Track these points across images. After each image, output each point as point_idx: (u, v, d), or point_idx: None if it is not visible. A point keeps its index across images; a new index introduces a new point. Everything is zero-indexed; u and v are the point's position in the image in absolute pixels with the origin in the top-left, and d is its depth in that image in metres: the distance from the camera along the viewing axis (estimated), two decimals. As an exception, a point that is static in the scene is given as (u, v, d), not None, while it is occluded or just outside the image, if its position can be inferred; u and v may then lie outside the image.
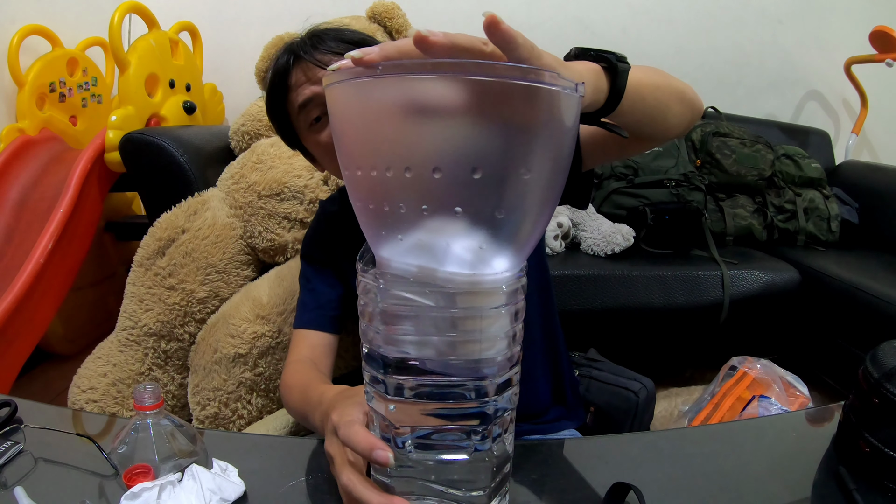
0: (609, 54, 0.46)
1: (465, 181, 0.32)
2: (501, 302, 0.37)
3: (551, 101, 0.32)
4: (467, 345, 0.37)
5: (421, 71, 0.30)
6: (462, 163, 0.31)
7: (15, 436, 0.56)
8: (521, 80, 0.30)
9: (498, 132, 0.32)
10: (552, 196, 0.36)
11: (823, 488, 0.49)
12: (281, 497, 0.49)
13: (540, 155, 0.33)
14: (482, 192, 0.32)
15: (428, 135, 0.32)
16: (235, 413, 1.13)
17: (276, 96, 0.73)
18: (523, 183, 0.33)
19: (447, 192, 0.32)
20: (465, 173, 0.31)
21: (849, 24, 2.26)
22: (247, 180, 1.26)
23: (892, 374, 0.48)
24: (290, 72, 0.71)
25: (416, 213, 0.33)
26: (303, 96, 0.69)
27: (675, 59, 2.26)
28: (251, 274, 1.28)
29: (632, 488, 0.46)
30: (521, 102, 0.31)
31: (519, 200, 0.34)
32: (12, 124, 1.63)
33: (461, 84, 0.30)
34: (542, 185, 0.34)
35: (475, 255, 0.35)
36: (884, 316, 1.34)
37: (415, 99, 0.31)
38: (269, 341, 1.10)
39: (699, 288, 1.48)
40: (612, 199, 1.70)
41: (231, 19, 2.12)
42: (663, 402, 1.52)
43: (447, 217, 0.33)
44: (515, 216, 0.34)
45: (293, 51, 0.71)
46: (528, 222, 0.35)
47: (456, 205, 0.32)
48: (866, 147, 2.44)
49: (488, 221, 0.33)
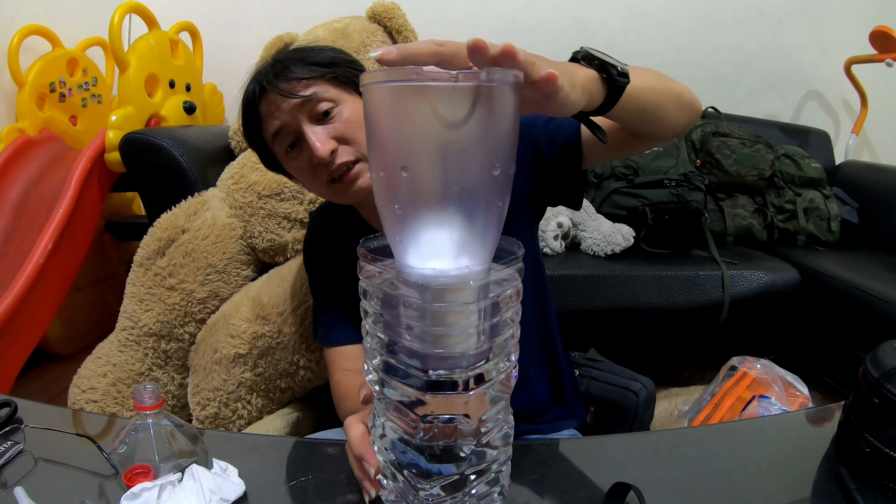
0: (612, 67, 0.47)
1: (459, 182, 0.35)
2: (472, 298, 0.38)
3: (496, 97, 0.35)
4: (448, 338, 0.39)
5: (404, 79, 0.33)
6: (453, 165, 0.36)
7: (15, 436, 0.56)
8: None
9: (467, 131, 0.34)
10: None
11: (823, 488, 0.49)
12: (281, 497, 0.49)
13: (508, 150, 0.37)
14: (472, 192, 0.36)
15: (426, 138, 0.35)
16: (235, 413, 1.13)
17: (250, 125, 0.74)
18: (492, 178, 0.36)
19: (437, 193, 0.36)
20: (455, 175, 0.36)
21: (849, 24, 2.26)
22: (247, 180, 1.26)
23: (892, 374, 0.48)
24: (258, 102, 0.71)
25: (412, 212, 0.36)
26: (273, 126, 0.70)
27: (675, 59, 2.26)
28: (251, 274, 1.28)
29: (632, 488, 0.46)
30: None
31: (489, 195, 0.37)
32: (12, 124, 1.62)
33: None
34: (506, 178, 0.37)
35: (454, 250, 0.37)
36: (884, 316, 1.34)
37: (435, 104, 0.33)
38: (269, 341, 1.10)
39: (699, 288, 1.48)
40: (612, 199, 1.70)
41: (231, 19, 2.12)
42: (663, 402, 1.52)
43: (437, 215, 0.36)
44: (490, 212, 0.37)
45: (258, 80, 0.71)
46: (493, 216, 0.38)
47: (450, 204, 0.36)
48: (866, 147, 2.44)
49: (468, 218, 0.36)
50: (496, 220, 0.38)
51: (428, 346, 0.38)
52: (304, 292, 1.13)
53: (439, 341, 0.38)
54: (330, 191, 0.71)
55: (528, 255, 0.71)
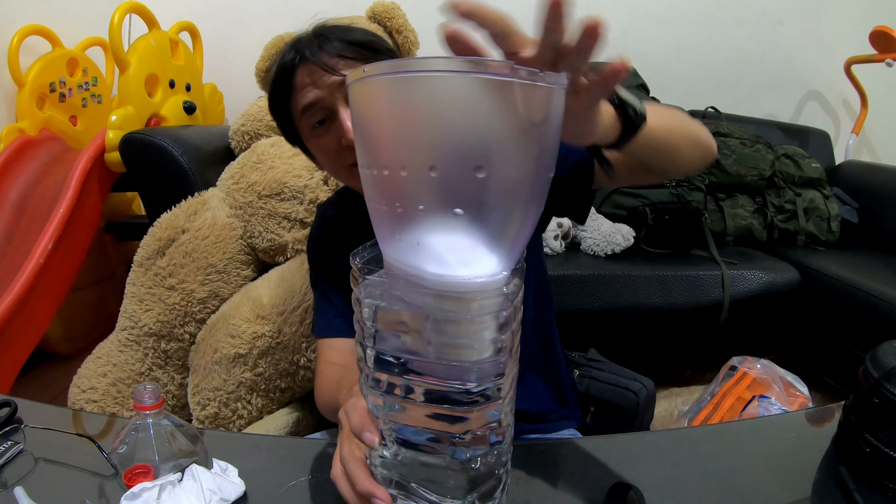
0: (630, 107, 0.47)
1: (466, 180, 0.32)
2: (495, 304, 0.36)
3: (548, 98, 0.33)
4: (456, 349, 0.36)
5: (443, 69, 0.30)
6: (464, 161, 0.31)
7: (15, 436, 0.56)
8: (534, 81, 0.31)
9: (505, 130, 0.32)
10: (541, 193, 0.36)
11: (823, 488, 0.49)
12: (281, 497, 0.49)
13: (539, 151, 0.34)
14: (486, 191, 0.32)
15: (427, 133, 0.32)
16: (235, 413, 1.13)
17: (280, 94, 0.71)
18: (524, 180, 0.33)
19: (443, 192, 0.32)
20: (468, 172, 0.31)
21: (849, 24, 2.26)
22: (247, 180, 1.26)
23: (892, 374, 0.48)
24: (295, 71, 0.69)
25: (413, 212, 0.33)
26: (307, 99, 0.68)
27: (675, 59, 2.26)
28: (251, 274, 1.28)
29: (632, 488, 0.46)
30: (528, 100, 0.32)
31: (516, 198, 0.34)
32: (12, 124, 1.62)
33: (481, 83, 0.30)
34: (539, 182, 0.35)
35: (473, 254, 0.34)
36: (884, 316, 1.34)
37: (437, 97, 0.31)
38: (269, 341, 1.10)
39: (699, 288, 1.48)
40: (612, 199, 1.70)
41: (231, 19, 2.12)
42: (663, 402, 1.52)
43: (442, 217, 0.33)
44: (512, 214, 0.34)
45: (299, 50, 0.68)
46: (518, 220, 0.35)
47: (455, 205, 0.32)
48: (866, 147, 2.44)
49: (488, 220, 0.33)
50: (530, 225, 0.36)
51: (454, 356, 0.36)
52: (304, 292, 1.13)
53: (463, 352, 0.36)
54: (350, 175, 0.70)
55: (532, 260, 0.72)
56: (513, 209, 0.34)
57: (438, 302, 0.35)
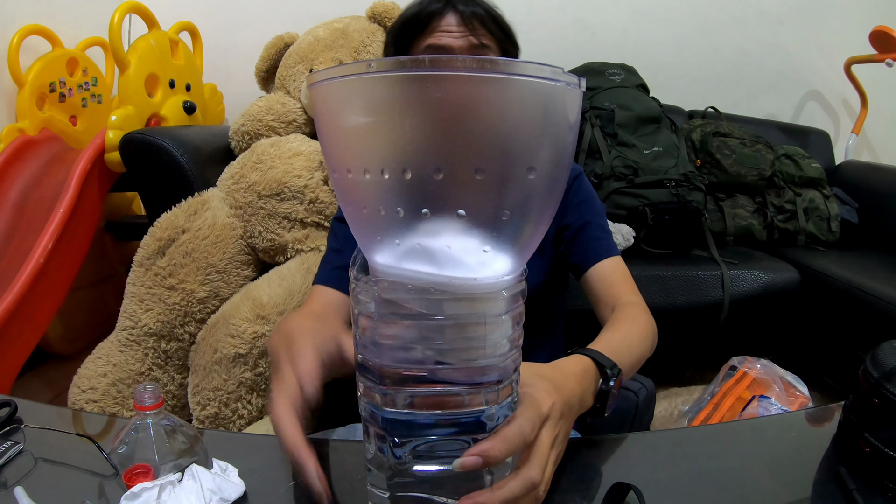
0: (601, 400, 0.53)
1: (466, 181, 0.31)
2: (502, 308, 0.36)
3: (550, 96, 0.32)
4: (468, 351, 0.36)
5: (415, 68, 0.30)
6: (463, 163, 0.31)
7: (15, 436, 0.55)
8: (519, 76, 0.30)
9: (498, 129, 0.31)
10: (555, 194, 0.36)
11: (823, 488, 0.49)
12: (281, 497, 0.49)
13: (539, 152, 0.33)
14: (484, 193, 0.32)
15: (429, 134, 0.32)
16: (236, 413, 1.13)
17: (406, 32, 0.73)
18: (526, 182, 0.32)
19: (448, 194, 0.32)
20: (467, 173, 0.31)
21: (849, 24, 2.26)
22: (247, 180, 1.26)
23: (892, 374, 0.48)
24: (434, 15, 0.71)
25: (416, 216, 0.32)
26: (440, 41, 0.70)
27: (675, 59, 2.26)
28: (251, 274, 1.28)
29: (632, 488, 0.46)
30: (518, 98, 0.31)
31: (521, 200, 0.33)
32: (12, 124, 1.62)
33: (462, 82, 0.30)
34: (545, 182, 0.34)
35: (476, 257, 0.34)
36: (884, 316, 1.34)
37: (413, 97, 0.31)
38: (269, 341, 1.10)
39: (699, 288, 1.48)
40: (612, 199, 1.70)
41: (231, 19, 2.12)
42: (663, 402, 1.52)
43: (447, 219, 0.32)
44: (516, 216, 0.33)
45: (450, 1, 0.71)
46: (530, 223, 0.35)
47: (458, 207, 0.32)
48: (866, 147, 2.44)
49: (490, 222, 0.33)
50: (545, 224, 0.36)
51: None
52: (304, 292, 1.13)
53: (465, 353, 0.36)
54: None
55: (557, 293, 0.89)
56: (527, 210, 0.34)
57: (454, 307, 0.34)
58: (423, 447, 0.38)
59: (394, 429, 0.38)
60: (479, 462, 0.35)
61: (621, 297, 0.73)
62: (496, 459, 0.36)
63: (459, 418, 0.37)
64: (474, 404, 0.37)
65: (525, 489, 0.38)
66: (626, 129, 1.74)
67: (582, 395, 0.49)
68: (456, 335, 0.35)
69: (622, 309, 0.70)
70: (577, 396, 0.48)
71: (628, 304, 0.72)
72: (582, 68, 1.93)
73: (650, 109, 1.78)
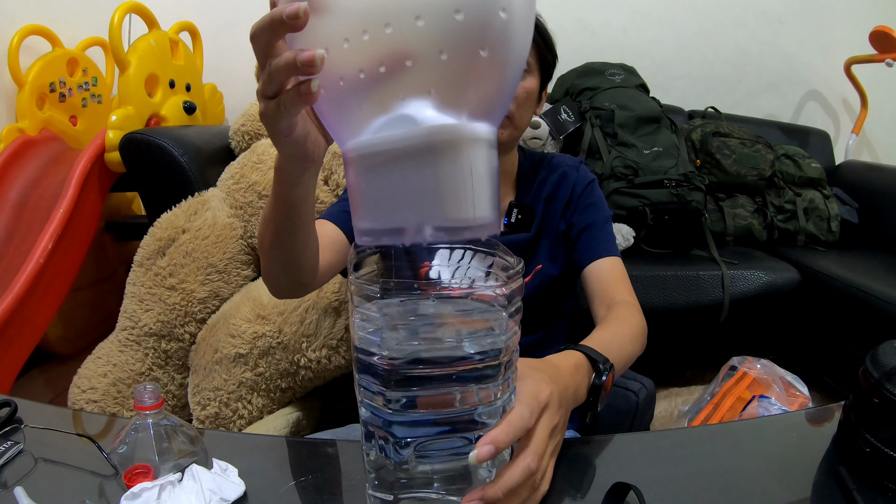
0: (594, 395, 0.53)
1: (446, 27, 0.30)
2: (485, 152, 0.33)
3: None
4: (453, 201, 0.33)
5: None
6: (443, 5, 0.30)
7: (15, 436, 0.56)
8: None
9: None
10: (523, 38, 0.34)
11: (823, 488, 0.49)
12: (281, 497, 0.49)
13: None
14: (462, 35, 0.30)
15: None
16: (236, 413, 1.13)
17: None
18: (501, 22, 0.30)
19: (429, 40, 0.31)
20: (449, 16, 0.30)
21: (849, 24, 2.26)
22: (247, 180, 1.26)
23: (892, 374, 0.48)
24: None
25: (400, 68, 0.32)
26: None
27: (675, 59, 2.26)
28: (251, 274, 1.28)
29: (632, 488, 0.46)
30: None
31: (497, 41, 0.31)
32: (12, 124, 1.62)
33: None
34: (521, 25, 0.32)
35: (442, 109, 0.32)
36: (884, 316, 1.34)
37: None
38: (269, 341, 1.10)
39: (699, 288, 1.48)
40: (612, 199, 1.70)
41: (231, 19, 2.12)
42: (663, 402, 1.52)
43: (428, 67, 0.31)
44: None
45: None
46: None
47: (439, 50, 0.30)
48: (866, 147, 2.44)
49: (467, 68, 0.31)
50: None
51: None
52: (304, 292, 1.13)
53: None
54: None
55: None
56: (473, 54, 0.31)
57: (427, 156, 0.32)
58: (425, 447, 0.38)
59: (396, 430, 0.38)
60: (493, 451, 0.37)
61: (616, 296, 0.75)
62: (505, 444, 0.38)
63: (461, 416, 0.38)
64: (474, 401, 0.38)
65: (524, 475, 0.39)
66: (626, 129, 1.74)
67: (576, 388, 0.50)
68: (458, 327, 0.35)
69: (616, 308, 0.72)
70: (572, 389, 0.49)
71: (622, 303, 0.73)
72: (582, 68, 1.93)
73: (650, 109, 1.78)
